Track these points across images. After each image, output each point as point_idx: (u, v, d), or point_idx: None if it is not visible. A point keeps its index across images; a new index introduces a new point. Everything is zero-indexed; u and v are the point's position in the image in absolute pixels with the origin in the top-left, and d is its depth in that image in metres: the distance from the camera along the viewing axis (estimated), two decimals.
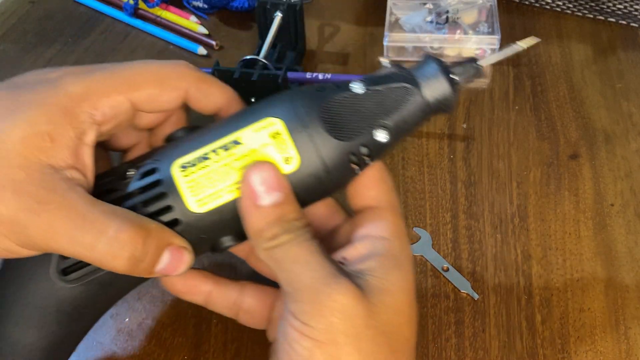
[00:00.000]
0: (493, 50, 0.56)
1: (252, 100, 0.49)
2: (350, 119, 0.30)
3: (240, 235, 0.30)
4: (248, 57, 0.50)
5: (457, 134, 0.51)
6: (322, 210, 0.35)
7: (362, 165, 0.31)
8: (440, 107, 0.31)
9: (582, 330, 0.39)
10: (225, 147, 0.29)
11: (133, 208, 0.29)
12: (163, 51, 0.60)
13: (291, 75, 0.50)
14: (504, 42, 0.58)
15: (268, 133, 0.29)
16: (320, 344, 0.27)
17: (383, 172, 0.33)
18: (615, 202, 0.46)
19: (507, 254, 0.43)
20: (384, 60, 0.33)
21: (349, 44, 0.60)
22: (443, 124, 0.52)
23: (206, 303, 0.35)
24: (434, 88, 0.31)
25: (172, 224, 0.29)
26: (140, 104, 0.31)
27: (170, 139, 0.32)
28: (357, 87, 0.30)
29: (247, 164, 0.29)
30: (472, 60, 0.32)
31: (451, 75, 0.31)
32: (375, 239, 0.31)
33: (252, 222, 0.29)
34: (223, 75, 0.48)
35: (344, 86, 0.31)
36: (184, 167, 0.29)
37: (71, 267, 0.30)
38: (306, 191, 0.30)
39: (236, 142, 0.30)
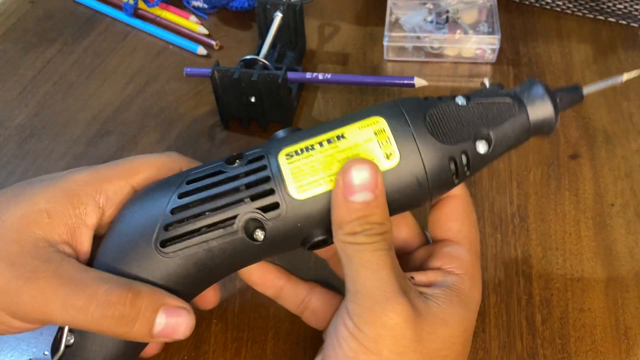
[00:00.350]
0: (493, 50, 0.56)
1: (252, 100, 0.49)
2: (454, 126, 0.31)
3: (330, 233, 0.31)
4: (248, 57, 0.50)
5: None
6: (404, 232, 0.36)
7: (461, 176, 0.31)
8: (542, 129, 0.32)
9: (582, 330, 0.39)
10: (330, 140, 0.31)
11: (236, 190, 0.30)
12: (163, 51, 0.60)
13: (291, 75, 0.50)
14: (504, 42, 0.58)
15: (373, 130, 0.30)
16: (366, 349, 0.29)
17: (468, 207, 0.34)
18: (615, 202, 0.46)
19: (507, 254, 0.43)
20: (486, 81, 0.34)
21: (349, 43, 0.60)
22: None
23: (277, 297, 0.37)
24: (538, 109, 0.32)
25: (273, 207, 0.30)
26: (140, 187, 0.33)
27: (274, 138, 0.33)
28: (462, 100, 0.31)
29: (349, 157, 0.30)
30: (576, 87, 0.33)
31: (556, 99, 0.32)
32: (447, 273, 0.32)
33: (338, 213, 0.30)
34: (223, 75, 0.48)
35: (448, 98, 0.32)
36: (289, 155, 0.31)
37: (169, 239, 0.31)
38: (400, 193, 0.31)
39: (341, 137, 0.31)
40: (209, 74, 0.49)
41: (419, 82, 0.48)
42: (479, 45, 0.56)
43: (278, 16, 0.54)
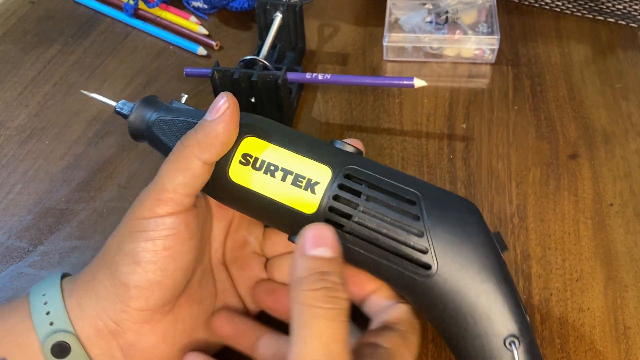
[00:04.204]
0: (492, 51, 0.56)
1: (252, 100, 0.49)
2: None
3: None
4: (248, 57, 0.50)
5: (457, 134, 0.51)
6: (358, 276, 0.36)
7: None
8: None
9: (581, 330, 0.39)
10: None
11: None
12: (163, 52, 0.60)
13: (291, 75, 0.50)
14: (503, 42, 0.58)
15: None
16: None
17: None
18: (614, 202, 0.46)
19: (507, 254, 0.43)
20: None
21: (349, 44, 0.60)
22: (443, 123, 0.52)
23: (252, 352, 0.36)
24: None
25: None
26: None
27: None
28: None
29: None
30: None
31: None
32: (389, 330, 0.33)
33: (298, 268, 0.30)
34: (223, 75, 0.48)
35: None
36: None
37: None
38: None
39: None
40: (209, 74, 0.49)
41: (418, 82, 0.48)
42: (478, 45, 0.56)
43: (278, 16, 0.54)
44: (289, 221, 0.33)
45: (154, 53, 0.60)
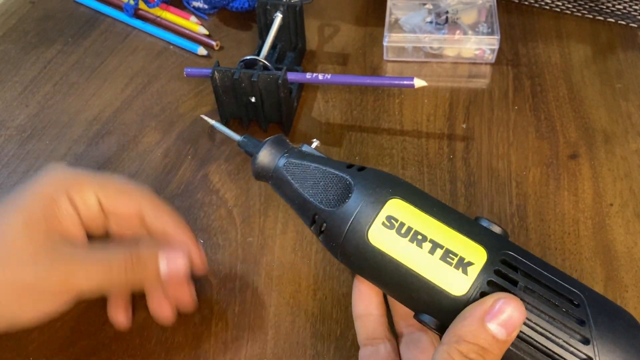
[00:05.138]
0: (492, 51, 0.56)
1: (252, 100, 0.49)
2: None
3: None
4: (248, 57, 0.50)
5: (457, 133, 0.51)
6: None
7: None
8: None
9: None
10: None
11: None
12: (163, 52, 0.61)
13: (291, 75, 0.50)
14: (503, 43, 0.59)
15: None
16: None
17: None
18: (614, 202, 0.46)
19: None
20: None
21: (349, 44, 0.60)
22: (443, 123, 0.52)
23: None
24: None
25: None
26: (103, 202, 0.38)
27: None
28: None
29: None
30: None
31: None
32: None
33: (467, 327, 0.28)
34: (223, 75, 0.49)
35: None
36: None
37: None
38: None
39: None
40: (209, 74, 0.49)
41: (418, 82, 0.48)
42: (478, 45, 0.56)
43: (278, 17, 0.54)
44: (427, 299, 0.30)
45: (154, 53, 0.60)
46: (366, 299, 0.37)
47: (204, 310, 0.41)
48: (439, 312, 0.30)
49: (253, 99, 0.49)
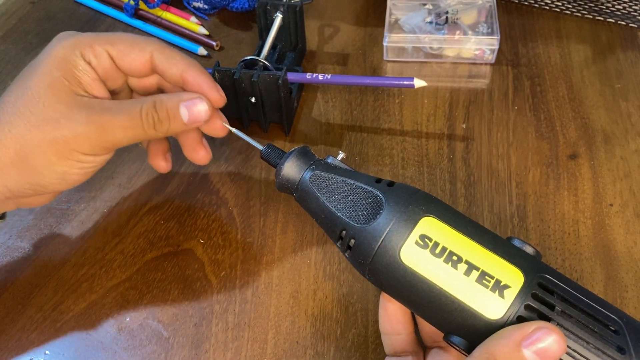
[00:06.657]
0: (492, 51, 0.56)
1: (253, 100, 0.49)
2: None
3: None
4: (248, 57, 0.50)
5: (457, 134, 0.51)
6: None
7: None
8: None
9: None
10: None
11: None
12: None
13: (291, 75, 0.50)
14: (503, 43, 0.59)
15: None
16: None
17: None
18: (614, 202, 0.46)
19: None
20: None
21: (349, 44, 0.60)
22: (443, 124, 0.52)
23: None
24: None
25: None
26: (115, 57, 0.39)
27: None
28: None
29: None
30: None
31: None
32: None
33: (502, 349, 0.28)
34: (224, 75, 0.49)
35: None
36: None
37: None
38: None
39: None
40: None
41: (418, 82, 0.48)
42: (478, 45, 0.56)
43: (278, 17, 0.54)
44: (461, 321, 0.29)
45: None
46: (393, 319, 0.35)
47: (205, 310, 0.41)
48: (471, 335, 0.30)
49: (253, 99, 0.49)
